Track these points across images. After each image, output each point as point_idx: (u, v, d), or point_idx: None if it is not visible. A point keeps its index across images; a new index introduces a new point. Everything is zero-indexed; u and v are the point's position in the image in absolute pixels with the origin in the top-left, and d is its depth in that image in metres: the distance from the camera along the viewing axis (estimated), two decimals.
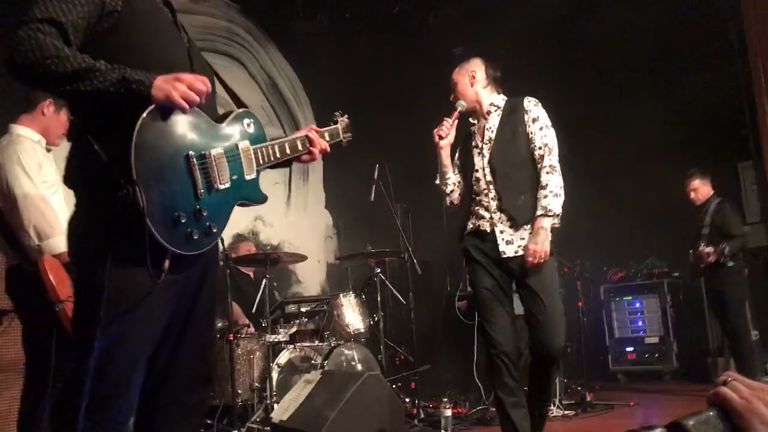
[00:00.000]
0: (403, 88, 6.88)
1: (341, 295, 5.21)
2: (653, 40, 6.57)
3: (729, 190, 6.16)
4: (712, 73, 6.28)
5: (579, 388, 5.62)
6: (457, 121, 3.46)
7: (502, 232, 3.31)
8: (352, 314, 5.13)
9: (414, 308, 5.41)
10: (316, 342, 4.99)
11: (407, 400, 5.16)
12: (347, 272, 6.40)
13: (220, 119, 2.03)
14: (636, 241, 6.96)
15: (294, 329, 5.09)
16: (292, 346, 4.89)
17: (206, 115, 1.95)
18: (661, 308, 6.79)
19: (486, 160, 3.39)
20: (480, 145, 3.44)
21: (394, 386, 4.97)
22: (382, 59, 7.10)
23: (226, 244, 4.86)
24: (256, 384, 4.77)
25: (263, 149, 2.11)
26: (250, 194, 2.06)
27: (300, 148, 2.27)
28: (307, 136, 2.32)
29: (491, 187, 3.35)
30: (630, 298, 6.99)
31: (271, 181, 6.81)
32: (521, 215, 3.29)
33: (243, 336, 4.87)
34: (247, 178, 2.03)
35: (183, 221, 1.82)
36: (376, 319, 5.22)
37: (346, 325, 5.08)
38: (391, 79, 6.93)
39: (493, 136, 3.40)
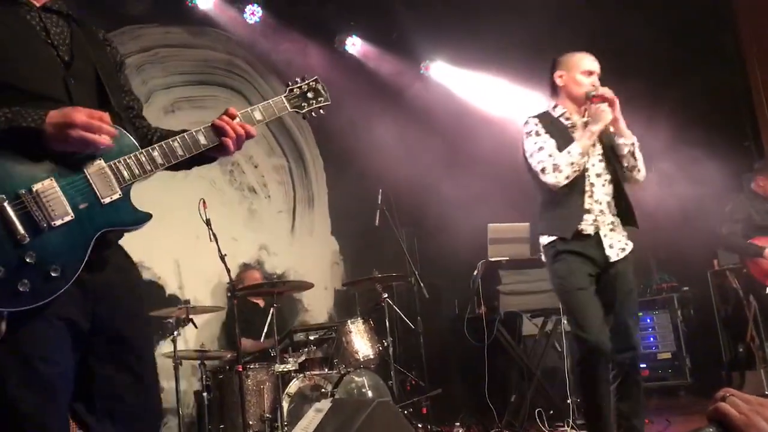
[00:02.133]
0: (405, 112, 6.91)
1: (349, 321, 5.18)
2: (650, 54, 6.60)
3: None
4: (711, 85, 6.29)
5: None
6: None
7: (605, 235, 3.36)
8: (360, 341, 5.11)
9: (423, 332, 5.39)
10: (326, 370, 4.96)
11: (419, 425, 5.11)
12: (354, 298, 6.38)
13: None
14: (643, 256, 6.92)
15: (303, 358, 5.07)
16: (301, 375, 4.86)
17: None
18: (672, 323, 6.73)
19: (590, 161, 3.39)
20: None
21: (405, 412, 4.92)
22: (383, 84, 7.16)
23: (233, 274, 4.85)
24: (267, 414, 4.73)
25: (129, 161, 1.79)
26: (115, 218, 1.79)
27: (203, 141, 1.92)
28: (212, 125, 1.95)
29: (593, 189, 3.37)
30: (640, 314, 6.93)
31: (273, 210, 6.84)
32: (626, 218, 3.43)
33: (252, 367, 4.85)
34: (106, 201, 1.75)
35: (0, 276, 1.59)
36: (385, 344, 5.19)
37: (356, 352, 5.05)
38: (393, 103, 6.97)
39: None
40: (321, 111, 2.26)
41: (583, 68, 3.45)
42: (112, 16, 5.86)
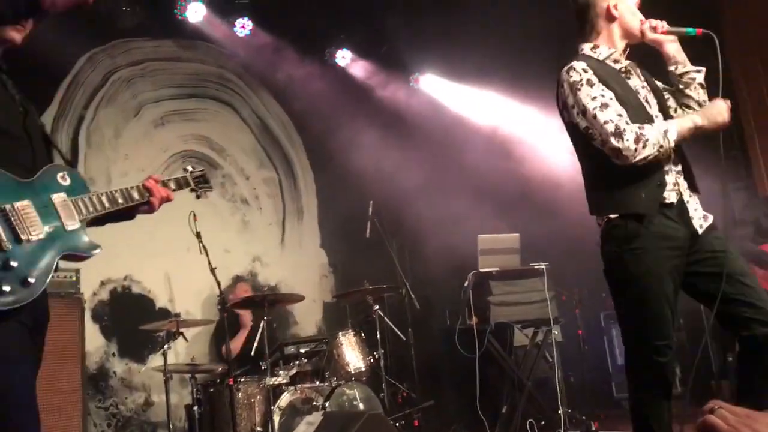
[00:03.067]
0: (395, 124, 6.95)
1: (340, 334, 5.18)
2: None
3: (720, 211, 6.17)
4: None
5: (584, 418, 5.56)
6: None
7: (687, 201, 2.66)
8: (351, 353, 5.10)
9: (414, 344, 5.38)
10: (317, 383, 4.95)
11: None
12: (345, 310, 6.38)
13: (31, 176, 2.02)
14: None
15: (294, 371, 5.05)
16: (292, 388, 4.84)
17: (13, 174, 1.95)
18: None
19: (656, 109, 2.74)
20: (645, 93, 2.76)
21: (397, 424, 4.92)
22: (372, 96, 7.19)
23: (223, 286, 4.85)
24: (258, 428, 4.71)
25: (85, 200, 2.10)
26: (75, 244, 2.04)
27: (136, 196, 2.27)
28: (144, 185, 2.31)
29: None
30: None
31: (265, 222, 6.84)
32: (692, 182, 2.76)
33: (243, 381, 4.83)
34: (69, 228, 2.02)
35: None
36: (376, 356, 5.18)
37: (347, 364, 5.05)
38: (383, 115, 7.00)
39: (645, 84, 2.81)
40: (206, 194, 2.75)
41: None
42: (102, 29, 5.88)
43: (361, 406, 4.77)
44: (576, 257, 5.87)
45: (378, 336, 5.21)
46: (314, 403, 4.75)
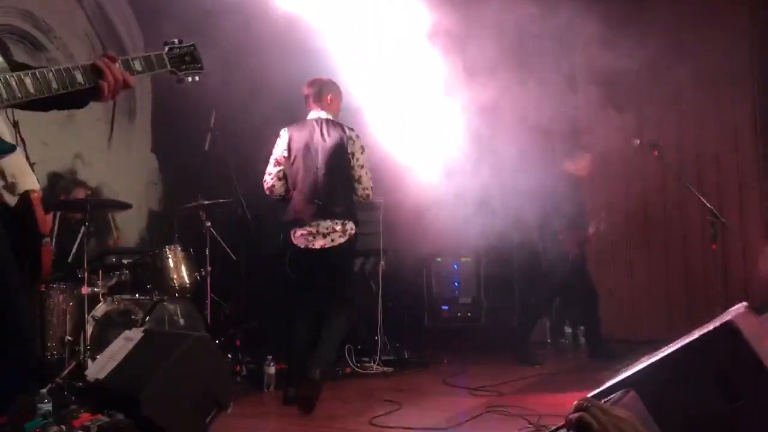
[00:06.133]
0: (244, 32, 6.52)
1: (167, 247, 4.98)
2: None
3: None
4: None
5: (397, 345, 5.85)
6: None
7: None
8: (178, 268, 4.95)
9: (244, 263, 5.29)
10: (137, 296, 4.75)
11: (229, 356, 5.09)
12: (172, 222, 6.10)
13: None
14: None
15: (113, 281, 4.81)
16: (110, 298, 4.62)
17: None
18: (475, 271, 7.21)
19: None
20: None
21: (217, 341, 4.87)
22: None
23: (43, 183, 4.43)
24: (69, 337, 4.46)
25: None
26: None
27: (80, 80, 1.79)
28: (93, 65, 1.83)
29: None
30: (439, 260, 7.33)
31: (92, 117, 6.28)
32: None
33: (56, 287, 4.51)
34: None
35: None
36: (203, 273, 5.06)
37: (171, 279, 4.90)
38: (234, 22, 6.53)
39: None
40: (196, 78, 2.24)
41: None
42: None
43: (182, 322, 4.67)
44: (411, 193, 6.03)
45: (207, 252, 5.08)
46: (133, 316, 4.57)
